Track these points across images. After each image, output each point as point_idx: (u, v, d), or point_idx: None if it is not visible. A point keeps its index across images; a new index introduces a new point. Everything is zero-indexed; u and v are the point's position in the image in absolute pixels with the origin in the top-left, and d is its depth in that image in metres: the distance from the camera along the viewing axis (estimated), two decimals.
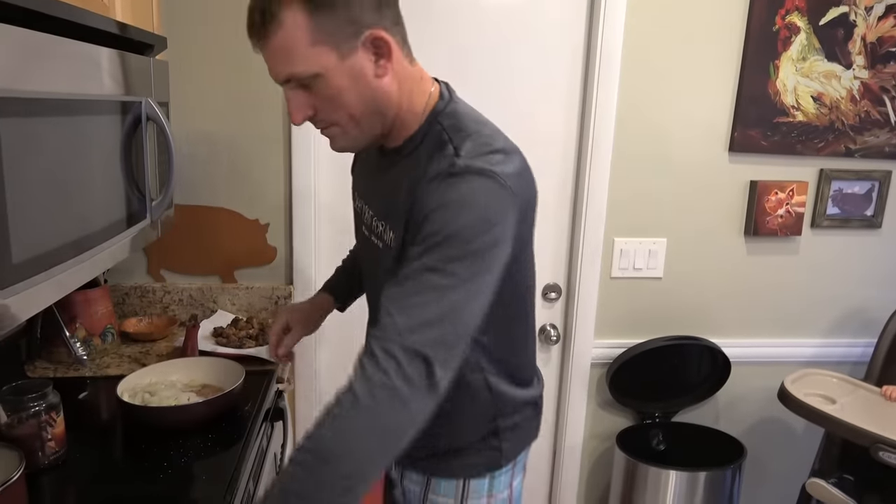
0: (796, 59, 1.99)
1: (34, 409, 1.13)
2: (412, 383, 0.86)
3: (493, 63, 1.94)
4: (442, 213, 0.91)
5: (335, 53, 0.91)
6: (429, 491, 1.19)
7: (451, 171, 0.93)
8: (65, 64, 0.96)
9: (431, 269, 0.90)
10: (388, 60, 0.95)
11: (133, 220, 1.24)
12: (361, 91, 0.95)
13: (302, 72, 0.93)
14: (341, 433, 0.85)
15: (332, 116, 0.98)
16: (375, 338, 0.88)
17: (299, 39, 0.90)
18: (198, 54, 1.81)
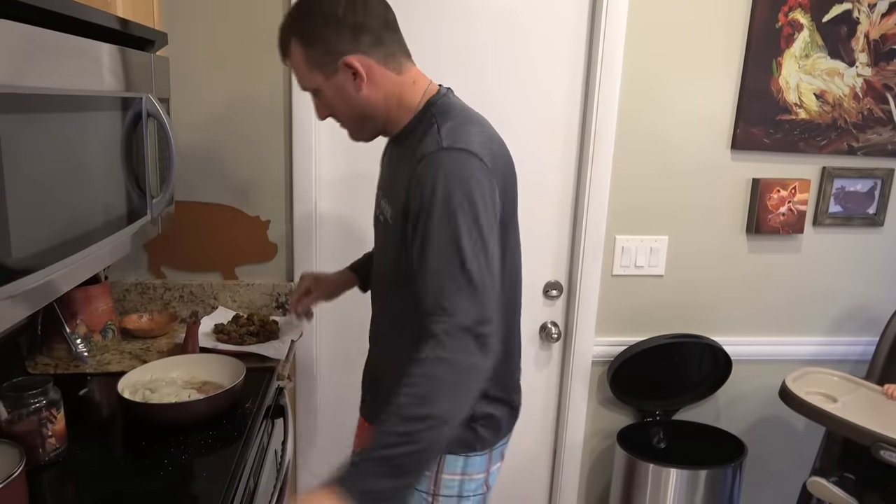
0: (799, 57, 1.98)
1: (35, 406, 1.13)
2: (471, 353, 1.02)
3: (495, 61, 1.94)
4: (435, 189, 1.07)
5: (322, 75, 1.20)
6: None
7: (434, 150, 1.10)
8: (65, 60, 0.96)
9: (449, 242, 1.05)
10: (363, 79, 1.19)
11: (133, 216, 1.23)
12: (345, 101, 1.22)
13: (307, 86, 1.24)
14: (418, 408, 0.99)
15: (338, 118, 1.27)
16: (431, 322, 1.04)
17: (300, 65, 1.21)
18: (198, 50, 1.80)
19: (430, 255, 1.07)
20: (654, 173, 2.04)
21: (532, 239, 2.06)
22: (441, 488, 1.24)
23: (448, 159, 1.09)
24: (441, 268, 1.05)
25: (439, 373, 1.01)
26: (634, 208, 2.05)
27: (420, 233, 1.09)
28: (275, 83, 1.85)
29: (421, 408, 0.99)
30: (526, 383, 2.19)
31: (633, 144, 2.00)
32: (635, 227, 2.07)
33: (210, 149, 1.87)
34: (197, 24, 1.79)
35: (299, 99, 1.84)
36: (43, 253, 0.91)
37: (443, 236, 1.06)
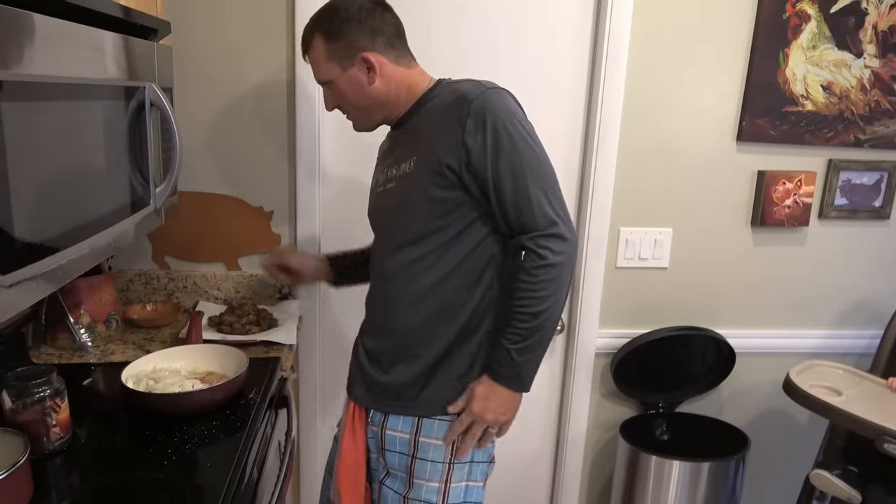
0: (806, 48, 1.97)
1: (39, 395, 1.13)
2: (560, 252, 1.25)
3: (499, 53, 1.93)
4: (489, 121, 1.23)
5: (340, 68, 1.34)
6: (419, 434, 1.35)
7: (476, 94, 1.25)
8: (68, 48, 0.95)
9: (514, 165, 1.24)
10: (376, 73, 1.33)
11: (137, 206, 1.23)
12: (358, 93, 1.36)
13: (322, 78, 1.38)
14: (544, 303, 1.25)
15: (345, 108, 1.41)
16: (528, 238, 1.26)
17: (320, 58, 1.35)
18: (202, 40, 1.80)
19: (530, 172, 1.25)
20: (658, 165, 2.03)
21: None
22: (456, 455, 1.36)
23: (496, 97, 1.25)
24: (536, 188, 1.25)
25: (552, 275, 1.25)
26: (639, 200, 2.04)
27: (507, 155, 1.24)
28: (278, 74, 1.84)
29: (542, 304, 1.25)
30: None
31: (639, 136, 1.99)
32: (639, 219, 2.06)
33: (213, 139, 1.86)
34: (200, 13, 1.78)
35: (302, 90, 1.83)
36: (46, 242, 0.91)
37: (524, 161, 1.24)
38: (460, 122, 1.24)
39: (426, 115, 1.34)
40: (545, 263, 1.24)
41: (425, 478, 1.35)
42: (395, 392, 1.36)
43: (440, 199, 1.28)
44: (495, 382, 1.29)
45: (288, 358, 1.63)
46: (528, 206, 1.25)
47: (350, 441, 1.42)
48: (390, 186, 1.37)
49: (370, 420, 1.41)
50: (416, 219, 1.30)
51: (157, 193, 1.31)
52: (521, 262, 1.28)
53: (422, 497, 1.35)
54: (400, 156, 1.36)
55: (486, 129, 1.23)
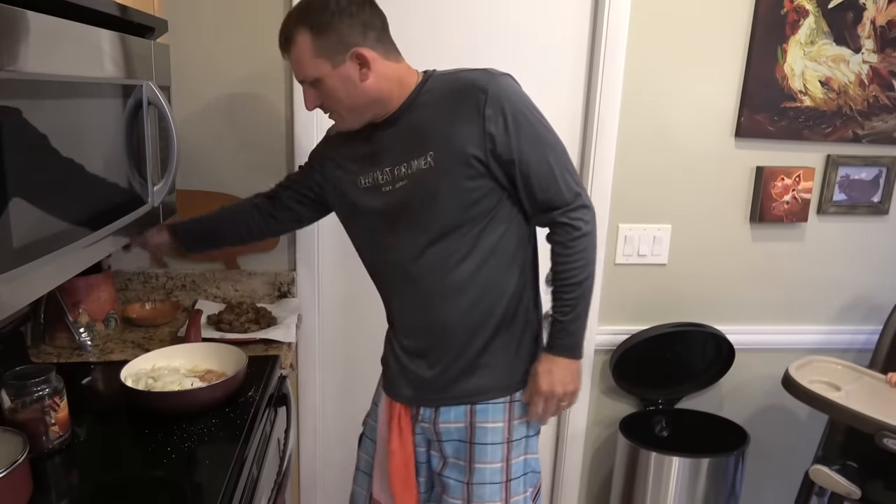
0: (804, 43, 1.96)
1: (37, 394, 1.14)
2: (589, 220, 1.33)
3: (496, 48, 1.92)
4: (516, 103, 1.27)
5: (329, 64, 1.27)
6: (474, 420, 1.38)
7: (488, 79, 1.27)
8: (65, 46, 0.95)
9: (538, 145, 1.28)
10: (369, 69, 1.28)
11: (135, 204, 1.23)
12: (350, 90, 1.29)
13: (308, 76, 1.29)
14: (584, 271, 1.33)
15: (331, 106, 1.34)
16: (560, 213, 1.32)
17: (306, 54, 1.27)
18: (199, 38, 1.79)
19: (550, 151, 1.30)
20: (657, 161, 2.03)
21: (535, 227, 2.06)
22: (513, 433, 1.40)
23: (507, 82, 1.29)
24: (558, 165, 1.30)
25: (585, 244, 1.32)
26: (638, 197, 2.04)
27: (529, 137, 1.28)
28: (276, 71, 1.84)
29: (583, 272, 1.33)
30: None
31: (637, 132, 1.99)
32: (638, 215, 2.06)
33: (211, 137, 1.86)
34: (198, 11, 1.78)
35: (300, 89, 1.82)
36: (44, 240, 0.91)
37: (544, 141, 1.29)
38: (479, 111, 1.26)
39: (427, 109, 1.31)
40: (580, 234, 1.31)
41: (486, 461, 1.38)
42: (443, 385, 1.38)
43: (469, 190, 1.29)
44: (555, 356, 1.35)
45: (287, 356, 1.63)
46: (555, 183, 1.30)
47: (397, 443, 1.43)
48: (401, 185, 1.33)
49: (419, 417, 1.41)
50: (445, 213, 1.30)
51: (155, 192, 1.31)
52: (555, 237, 1.33)
53: (486, 479, 1.38)
54: (405, 153, 1.32)
55: (507, 114, 1.26)
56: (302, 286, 1.97)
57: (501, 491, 1.39)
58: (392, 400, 1.44)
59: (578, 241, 1.32)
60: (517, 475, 1.40)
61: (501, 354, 1.38)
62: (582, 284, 1.33)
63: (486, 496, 1.38)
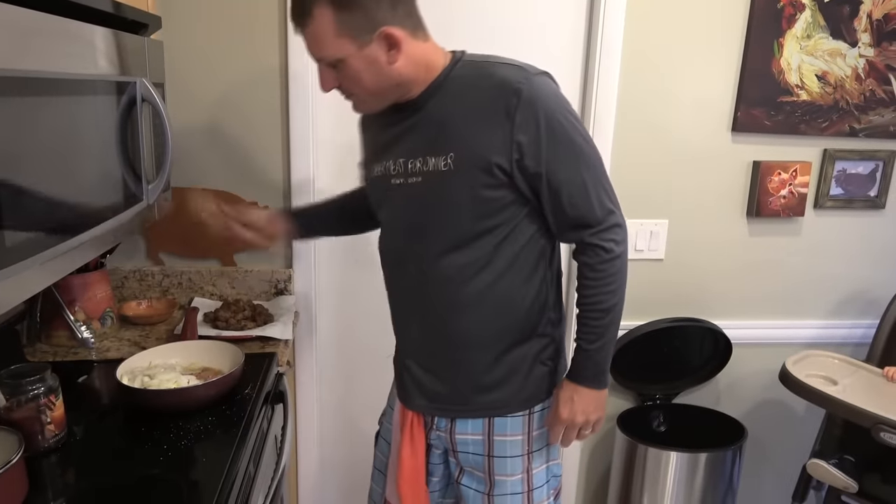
0: (801, 37, 1.96)
1: (33, 393, 1.13)
2: (621, 241, 1.24)
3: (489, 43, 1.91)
4: (552, 112, 1.16)
5: (355, 44, 1.13)
6: (492, 433, 1.32)
7: (525, 80, 1.16)
8: (57, 43, 0.94)
9: (574, 160, 1.18)
10: (399, 51, 1.15)
11: (130, 202, 1.22)
12: (376, 74, 1.17)
13: (328, 56, 1.16)
14: (614, 297, 1.24)
15: (352, 89, 1.21)
16: (590, 233, 1.22)
17: (327, 32, 1.13)
18: (194, 34, 1.79)
19: (586, 168, 1.20)
20: (653, 156, 2.02)
21: None
22: (533, 444, 1.34)
23: (544, 84, 1.18)
24: (593, 180, 1.21)
25: (618, 267, 1.23)
26: (634, 192, 2.04)
27: (564, 150, 1.17)
28: (271, 67, 1.83)
29: (613, 298, 1.24)
30: None
31: (633, 127, 1.99)
32: (635, 210, 2.06)
33: (207, 134, 1.85)
34: (191, 8, 1.77)
35: (296, 83, 1.82)
36: (37, 238, 0.90)
37: (580, 154, 1.19)
38: (509, 116, 1.14)
39: (452, 101, 1.20)
40: (612, 256, 1.22)
41: (507, 473, 1.32)
42: (457, 400, 1.31)
43: (488, 200, 1.19)
44: (578, 385, 1.27)
45: (284, 353, 1.63)
46: (586, 200, 1.20)
47: (409, 451, 1.37)
48: (415, 181, 1.23)
49: (434, 426, 1.36)
50: (461, 222, 1.21)
51: (150, 189, 1.30)
52: (583, 258, 1.23)
53: (507, 491, 1.33)
54: (422, 147, 1.22)
55: (540, 121, 1.15)
56: (298, 283, 1.96)
57: (524, 501, 1.34)
58: (406, 408, 1.38)
59: (610, 265, 1.22)
60: (540, 484, 1.35)
61: (518, 369, 1.30)
62: (611, 311, 1.24)
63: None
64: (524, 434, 1.32)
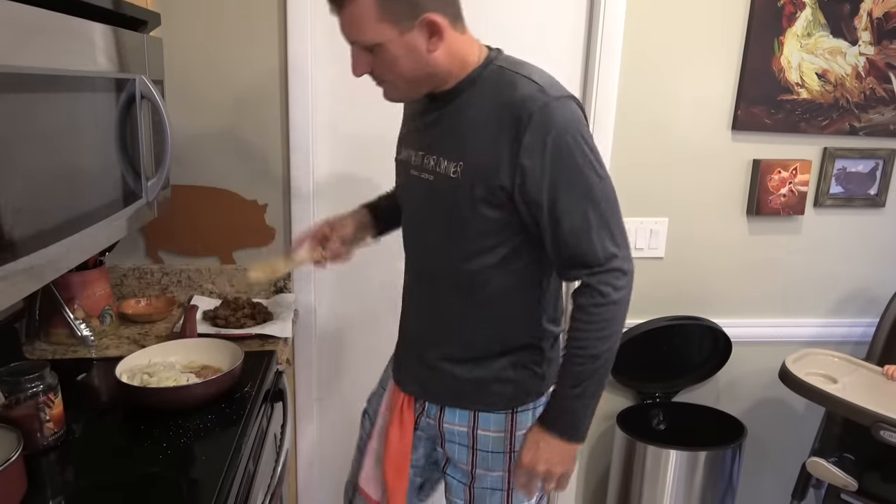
0: (801, 36, 1.96)
1: (32, 391, 1.13)
2: (621, 287, 1.15)
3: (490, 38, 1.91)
4: (562, 137, 1.11)
5: (396, 30, 1.10)
6: (477, 427, 1.31)
7: (544, 101, 1.11)
8: (57, 39, 0.94)
9: (580, 195, 1.13)
10: (440, 39, 1.13)
11: (129, 199, 1.22)
12: (414, 61, 1.14)
13: (366, 40, 1.12)
14: (603, 344, 1.17)
15: (386, 75, 1.17)
16: (587, 273, 1.15)
17: (367, 15, 1.09)
18: (192, 31, 1.78)
19: (593, 206, 1.14)
20: (654, 155, 2.02)
21: None
22: (515, 443, 1.32)
23: (562, 109, 1.12)
24: (598, 218, 1.14)
25: (612, 313, 1.16)
26: (634, 190, 2.04)
27: (571, 184, 1.12)
28: (271, 64, 1.83)
29: (602, 345, 1.17)
30: None
31: (634, 126, 1.99)
32: (635, 208, 2.06)
33: (206, 132, 1.85)
34: (191, 4, 1.77)
35: (295, 80, 1.82)
36: (36, 235, 0.90)
37: (588, 189, 1.13)
38: (517, 136, 1.11)
39: (475, 106, 1.17)
40: (607, 301, 1.15)
41: (488, 468, 1.33)
42: (453, 393, 1.32)
43: (487, 218, 1.18)
44: (546, 431, 1.21)
45: (283, 351, 1.63)
46: (588, 238, 1.14)
47: (397, 433, 1.38)
48: (426, 178, 1.24)
49: (425, 412, 1.37)
50: (465, 232, 1.21)
51: (149, 187, 1.30)
52: (577, 298, 1.18)
53: (487, 485, 1.34)
54: (439, 146, 1.21)
55: (547, 148, 1.10)
56: (298, 281, 1.96)
57: (503, 499, 1.34)
58: (398, 387, 1.40)
59: (604, 309, 1.15)
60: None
61: (506, 374, 1.29)
62: (597, 359, 1.17)
63: (487, 502, 1.35)
64: (507, 432, 1.31)
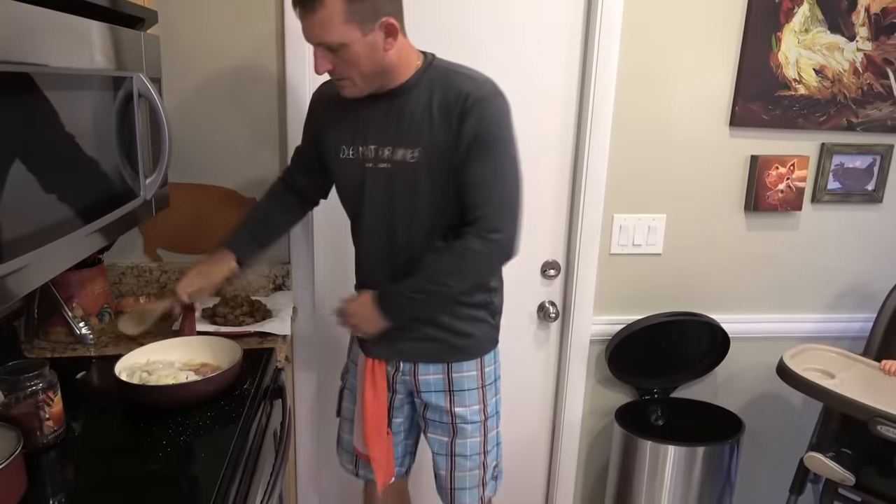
0: (799, 31, 1.96)
1: (31, 389, 1.13)
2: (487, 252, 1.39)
3: (490, 39, 1.91)
4: (488, 125, 1.34)
5: (360, 31, 1.26)
6: (451, 372, 1.53)
7: (481, 96, 1.33)
8: (53, 37, 0.94)
9: (493, 171, 1.36)
10: (395, 39, 1.31)
11: (127, 198, 1.22)
12: (373, 59, 1.31)
13: (333, 41, 1.27)
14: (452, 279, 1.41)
15: (347, 73, 1.33)
16: (482, 226, 1.37)
17: (335, 18, 1.24)
18: (190, 29, 1.78)
19: (497, 180, 1.36)
20: (652, 151, 2.02)
21: (530, 218, 2.04)
22: (486, 379, 1.57)
23: (497, 101, 1.35)
24: (502, 190, 1.37)
25: (470, 262, 1.40)
26: (632, 186, 2.04)
27: (485, 159, 1.35)
28: (268, 62, 1.82)
29: (448, 278, 1.40)
30: (524, 362, 2.20)
31: (631, 122, 1.99)
32: (633, 205, 2.06)
33: (204, 130, 1.85)
34: (188, 2, 1.76)
35: (292, 77, 1.82)
36: (34, 234, 0.90)
37: (504, 166, 1.37)
38: (460, 121, 1.33)
39: (421, 101, 1.37)
40: (470, 249, 1.38)
41: (465, 404, 1.54)
42: (424, 352, 1.52)
43: (446, 191, 1.39)
44: (376, 302, 1.45)
45: (282, 348, 1.63)
46: (489, 201, 1.36)
47: (371, 395, 1.54)
48: (383, 167, 1.41)
49: (399, 370, 1.55)
50: (425, 208, 1.40)
51: (147, 185, 1.30)
52: (454, 238, 1.40)
53: (467, 419, 1.54)
54: (392, 138, 1.39)
55: (479, 129, 1.32)
56: (297, 278, 1.96)
57: (481, 430, 1.56)
58: (367, 356, 1.56)
59: (466, 253, 1.38)
60: (492, 413, 1.59)
61: (472, 322, 1.51)
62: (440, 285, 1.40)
63: (468, 433, 1.55)
64: (478, 371, 1.54)
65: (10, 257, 0.84)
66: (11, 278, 0.84)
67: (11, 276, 0.84)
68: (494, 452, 1.63)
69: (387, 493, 1.70)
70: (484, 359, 1.57)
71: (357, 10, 1.25)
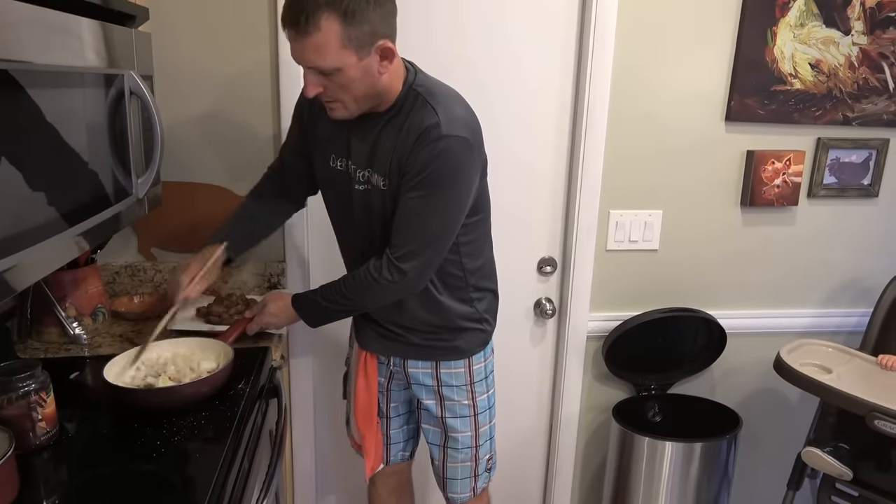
0: (794, 26, 1.95)
1: (23, 390, 1.12)
2: (392, 281, 1.38)
3: (485, 39, 1.90)
4: (434, 165, 1.30)
5: (356, 56, 1.21)
6: (439, 369, 1.56)
7: (437, 135, 1.28)
8: (43, 34, 0.93)
9: (422, 207, 1.33)
10: (390, 62, 1.27)
11: (119, 196, 1.21)
12: (367, 83, 1.27)
13: (328, 66, 1.22)
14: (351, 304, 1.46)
15: (338, 96, 1.29)
16: (394, 254, 1.37)
17: (331, 43, 1.18)
18: (181, 26, 1.77)
19: (426, 215, 1.34)
20: (647, 146, 2.02)
21: (526, 215, 2.05)
22: (475, 377, 1.58)
23: (450, 146, 1.28)
24: (423, 228, 1.35)
25: (380, 289, 1.40)
26: (628, 182, 2.03)
27: (421, 194, 1.32)
28: (262, 58, 1.81)
29: (355, 295, 1.43)
30: (521, 359, 2.20)
31: (627, 118, 1.98)
32: (629, 201, 2.06)
33: (196, 128, 1.84)
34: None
35: (286, 76, 1.80)
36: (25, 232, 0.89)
37: (438, 207, 1.34)
38: (411, 151, 1.30)
39: (395, 128, 1.34)
40: (376, 279, 1.39)
41: (454, 398, 1.57)
42: (413, 352, 1.56)
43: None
44: (294, 304, 1.50)
45: (278, 348, 1.62)
46: (408, 234, 1.36)
47: (363, 385, 1.60)
48: (362, 188, 1.42)
49: (390, 362, 1.59)
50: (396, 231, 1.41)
51: (140, 183, 1.29)
52: (380, 258, 1.39)
53: (456, 413, 1.58)
54: (368, 162, 1.39)
55: (424, 168, 1.29)
56: (292, 277, 1.95)
57: (471, 423, 1.59)
58: (361, 349, 1.60)
59: (370, 280, 1.39)
60: (484, 409, 1.61)
61: (461, 337, 1.54)
62: (345, 302, 1.45)
63: (458, 428, 1.58)
64: (465, 368, 1.57)
65: (1, 256, 0.83)
66: (3, 277, 0.83)
67: (3, 275, 0.83)
68: (487, 446, 1.64)
69: (390, 478, 1.75)
70: (472, 357, 1.58)
71: (354, 35, 1.19)
